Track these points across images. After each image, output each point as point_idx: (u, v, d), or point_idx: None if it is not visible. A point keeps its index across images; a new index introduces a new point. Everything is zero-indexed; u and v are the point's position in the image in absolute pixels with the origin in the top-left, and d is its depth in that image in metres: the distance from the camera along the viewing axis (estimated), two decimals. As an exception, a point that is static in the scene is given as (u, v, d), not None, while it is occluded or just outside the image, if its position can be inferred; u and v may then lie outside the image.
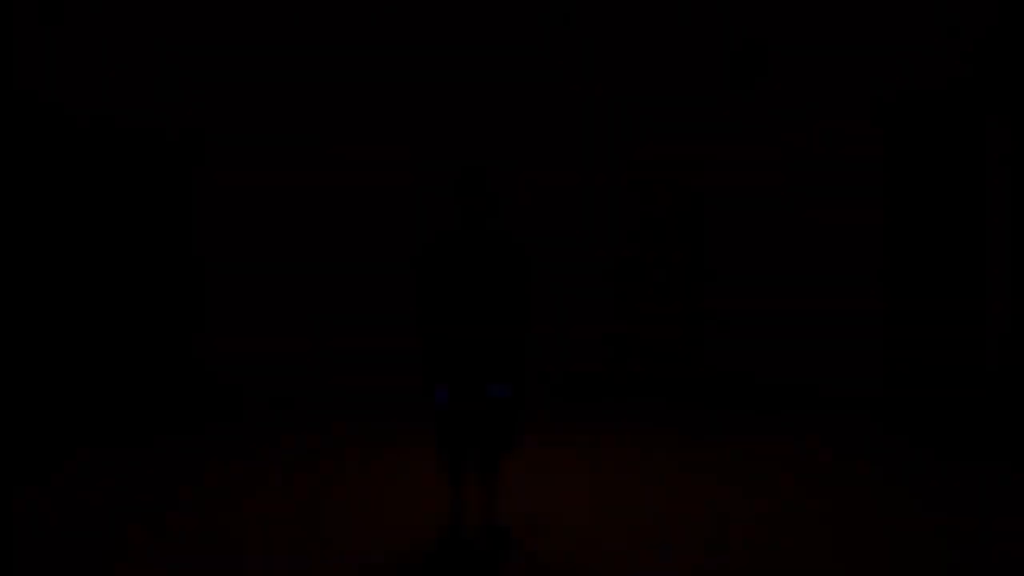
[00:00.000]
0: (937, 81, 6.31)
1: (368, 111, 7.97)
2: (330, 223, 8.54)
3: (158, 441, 5.91)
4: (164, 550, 3.53)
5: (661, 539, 3.64)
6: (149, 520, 3.95)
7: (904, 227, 6.93)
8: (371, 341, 8.70)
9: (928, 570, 3.21)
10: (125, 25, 5.78)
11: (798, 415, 6.71)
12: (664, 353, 9.79)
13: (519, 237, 3.23)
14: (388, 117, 8.04)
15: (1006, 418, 5.66)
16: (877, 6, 5.75)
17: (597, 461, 5.16)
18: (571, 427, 6.33)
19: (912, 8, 5.49)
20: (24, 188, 5.82)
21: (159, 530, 3.80)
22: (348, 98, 7.84)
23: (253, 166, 8.20)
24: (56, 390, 7.30)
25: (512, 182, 9.13)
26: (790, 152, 8.27)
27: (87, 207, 6.34)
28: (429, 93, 7.72)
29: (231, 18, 6.55)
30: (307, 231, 8.46)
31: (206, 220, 8.07)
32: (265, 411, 7.26)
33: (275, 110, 7.77)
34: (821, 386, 7.81)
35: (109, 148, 6.01)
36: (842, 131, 7.54)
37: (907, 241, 6.90)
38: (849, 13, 6.00)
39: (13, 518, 3.96)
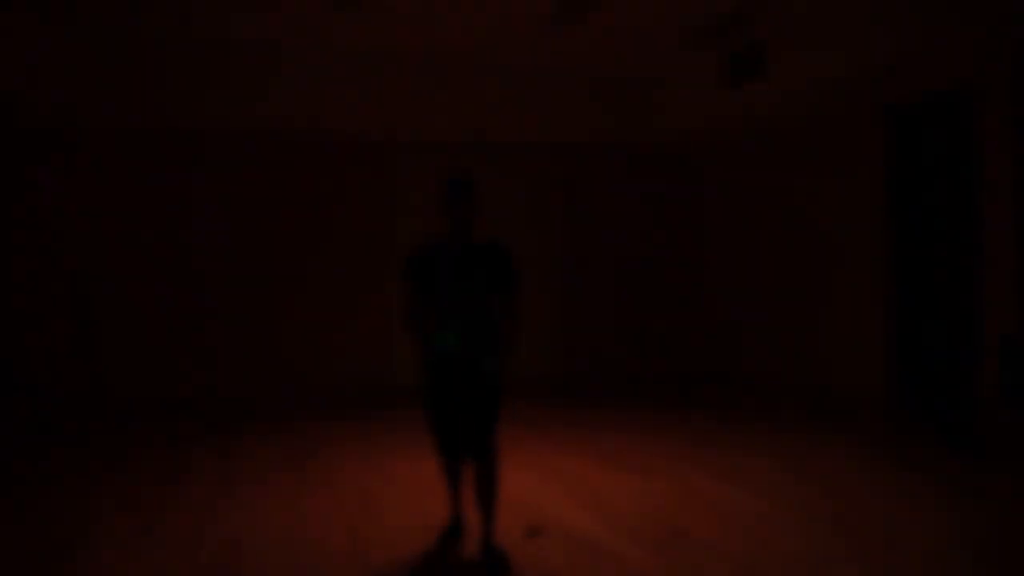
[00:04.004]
0: (937, 81, 6.32)
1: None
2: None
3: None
4: (148, 549, 3.54)
5: (662, 539, 3.64)
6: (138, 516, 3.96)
7: (904, 226, 6.93)
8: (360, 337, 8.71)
9: (931, 569, 3.22)
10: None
11: (800, 415, 6.71)
12: (665, 353, 9.80)
13: (507, 241, 3.23)
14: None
15: (1007, 417, 5.66)
16: (877, 6, 5.75)
17: (597, 461, 5.17)
18: (571, 427, 6.34)
19: (912, 8, 5.50)
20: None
21: (146, 528, 3.81)
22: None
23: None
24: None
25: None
26: (790, 152, 8.27)
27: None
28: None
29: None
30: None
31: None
32: (260, 411, 7.28)
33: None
34: (823, 385, 7.81)
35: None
36: (842, 131, 7.54)
37: (907, 240, 6.90)
38: (849, 13, 6.01)
39: None
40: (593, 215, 9.47)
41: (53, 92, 6.90)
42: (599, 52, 7.74)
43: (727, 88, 7.44)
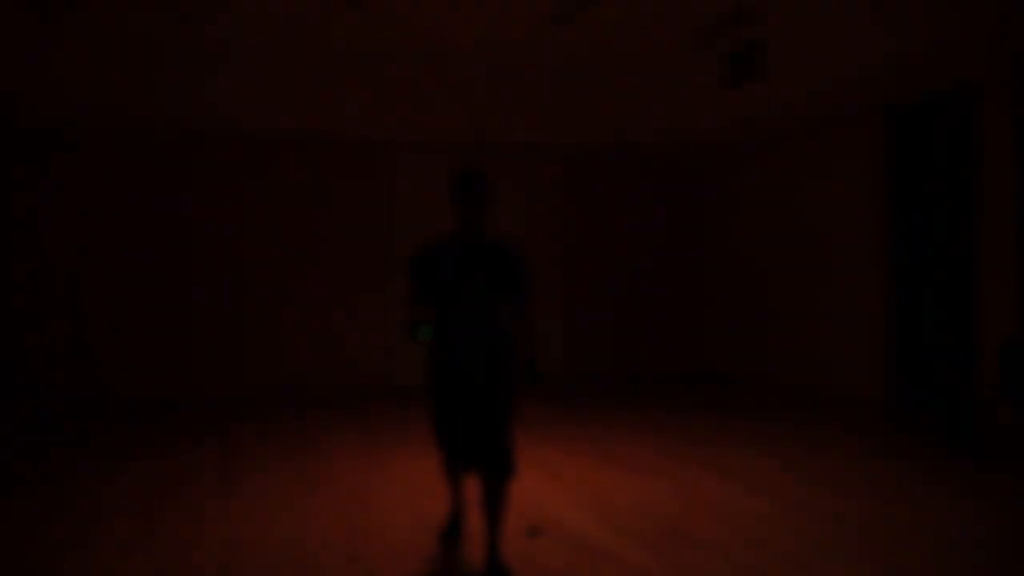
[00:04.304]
0: (937, 81, 6.31)
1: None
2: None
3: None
4: (148, 549, 3.54)
5: (662, 539, 3.64)
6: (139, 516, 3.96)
7: (905, 226, 6.93)
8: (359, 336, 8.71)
9: (931, 569, 3.21)
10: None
11: (800, 415, 6.71)
12: (665, 353, 9.79)
13: (516, 241, 3.09)
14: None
15: (1007, 417, 5.66)
16: (877, 6, 5.75)
17: (597, 461, 5.17)
18: (572, 427, 6.33)
19: (912, 8, 5.49)
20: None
21: (147, 527, 3.81)
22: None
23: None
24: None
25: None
26: (790, 151, 8.27)
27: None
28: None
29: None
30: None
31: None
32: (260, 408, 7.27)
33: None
34: (823, 385, 7.81)
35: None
36: (842, 131, 7.54)
37: (907, 240, 6.90)
38: (849, 13, 6.01)
39: None
40: (593, 215, 9.47)
41: (53, 92, 6.89)
42: (599, 52, 7.74)
43: (727, 88, 7.43)
